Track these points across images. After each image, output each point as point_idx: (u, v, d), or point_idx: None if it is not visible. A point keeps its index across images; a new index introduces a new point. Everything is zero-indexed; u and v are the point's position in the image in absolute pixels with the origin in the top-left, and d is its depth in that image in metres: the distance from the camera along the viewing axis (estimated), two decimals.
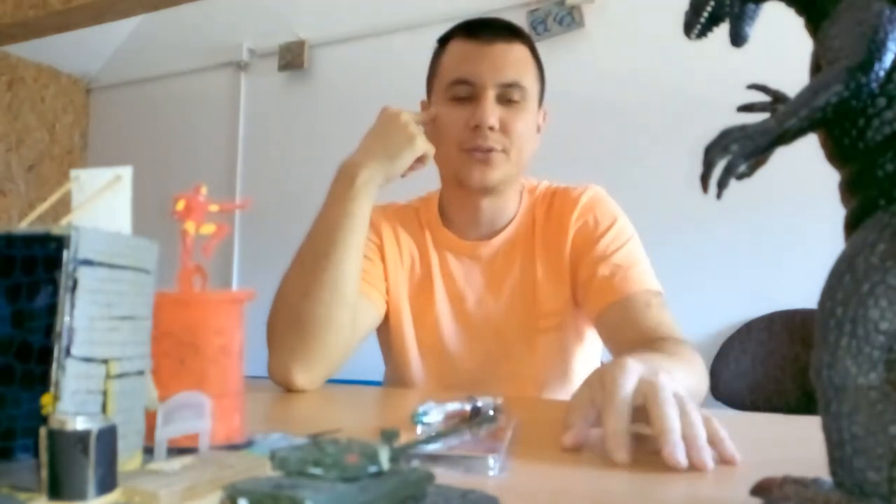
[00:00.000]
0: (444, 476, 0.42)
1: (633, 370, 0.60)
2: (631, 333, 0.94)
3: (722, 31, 0.43)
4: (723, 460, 0.53)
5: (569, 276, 1.07)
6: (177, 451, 0.42)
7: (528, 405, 0.88)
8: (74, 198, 0.43)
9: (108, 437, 0.32)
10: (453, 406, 0.65)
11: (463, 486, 0.38)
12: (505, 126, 1.02)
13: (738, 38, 0.43)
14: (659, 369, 0.61)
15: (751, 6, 0.42)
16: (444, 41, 1.10)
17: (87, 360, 0.37)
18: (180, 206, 0.50)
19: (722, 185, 0.36)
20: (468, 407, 0.65)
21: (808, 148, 0.43)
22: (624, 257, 1.02)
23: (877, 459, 0.31)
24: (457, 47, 1.07)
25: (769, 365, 2.01)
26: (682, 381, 0.75)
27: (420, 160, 1.02)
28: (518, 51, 1.05)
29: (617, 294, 0.98)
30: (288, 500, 0.28)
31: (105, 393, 0.38)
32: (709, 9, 0.42)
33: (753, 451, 0.64)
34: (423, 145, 1.00)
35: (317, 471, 0.31)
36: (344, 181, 0.98)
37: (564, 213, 1.09)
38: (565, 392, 1.07)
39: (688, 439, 0.52)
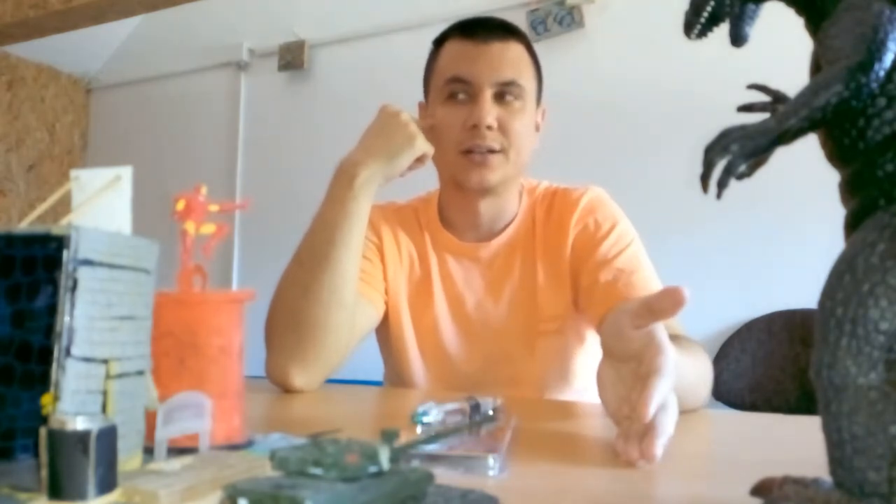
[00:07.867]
0: (444, 476, 0.42)
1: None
2: None
3: (722, 31, 0.43)
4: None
5: (569, 280, 1.06)
6: (177, 451, 0.42)
7: (528, 405, 0.88)
8: (74, 198, 0.43)
9: (108, 437, 0.32)
10: (453, 406, 0.65)
11: (463, 486, 0.38)
12: (503, 125, 1.02)
13: (738, 38, 0.43)
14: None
15: (751, 6, 0.42)
16: (439, 42, 1.10)
17: (87, 360, 0.37)
18: (180, 206, 0.50)
19: (722, 185, 0.36)
20: (468, 407, 0.65)
21: (808, 148, 0.43)
22: (626, 262, 1.01)
23: (877, 459, 0.31)
24: (453, 47, 1.06)
25: (769, 365, 2.01)
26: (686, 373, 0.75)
27: (419, 160, 1.01)
28: (515, 49, 1.05)
29: (620, 300, 0.96)
30: (288, 500, 0.28)
31: (105, 393, 0.38)
32: (709, 9, 0.42)
33: (753, 451, 0.64)
34: (422, 145, 0.99)
35: (317, 471, 0.31)
36: (343, 181, 0.97)
37: (564, 215, 1.08)
38: (566, 394, 1.07)
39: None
